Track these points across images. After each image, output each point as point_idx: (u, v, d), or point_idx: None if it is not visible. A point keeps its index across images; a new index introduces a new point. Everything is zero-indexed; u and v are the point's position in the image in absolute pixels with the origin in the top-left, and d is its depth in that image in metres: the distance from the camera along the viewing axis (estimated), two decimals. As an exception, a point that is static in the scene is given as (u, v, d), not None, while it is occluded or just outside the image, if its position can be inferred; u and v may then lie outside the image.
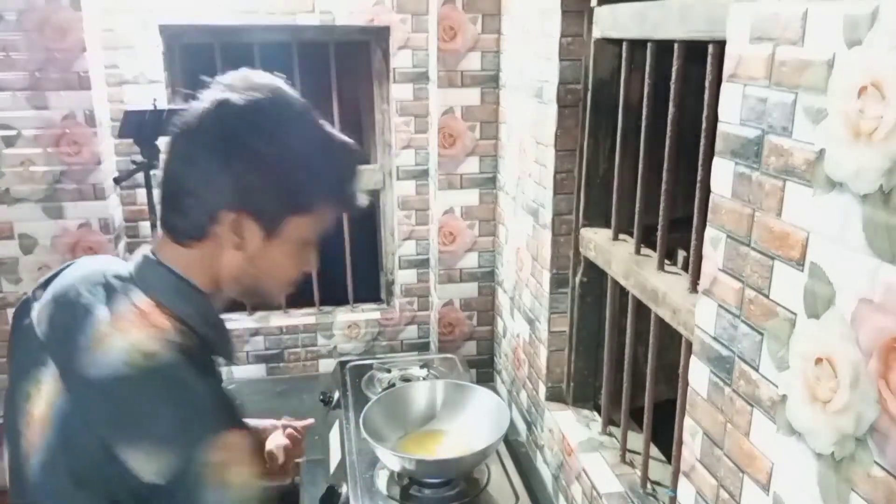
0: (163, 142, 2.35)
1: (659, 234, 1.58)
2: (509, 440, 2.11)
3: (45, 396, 0.89)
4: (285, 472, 1.31)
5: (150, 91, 2.53)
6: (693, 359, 1.25)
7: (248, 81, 0.94)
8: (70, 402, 0.86)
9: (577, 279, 2.02)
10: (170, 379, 0.85)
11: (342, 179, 0.97)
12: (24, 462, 0.90)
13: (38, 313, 0.96)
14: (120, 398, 0.84)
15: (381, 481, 1.88)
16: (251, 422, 1.33)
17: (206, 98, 0.92)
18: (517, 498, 1.85)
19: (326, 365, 2.96)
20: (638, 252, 1.72)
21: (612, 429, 1.97)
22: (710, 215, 1.17)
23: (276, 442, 1.30)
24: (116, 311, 0.90)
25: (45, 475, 0.88)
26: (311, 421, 1.37)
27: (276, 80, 0.97)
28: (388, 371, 2.48)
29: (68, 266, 1.02)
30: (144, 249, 0.97)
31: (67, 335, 0.90)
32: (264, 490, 0.89)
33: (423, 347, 3.05)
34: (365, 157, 0.97)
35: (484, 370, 2.90)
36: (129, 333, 0.87)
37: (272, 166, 0.90)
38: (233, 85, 0.94)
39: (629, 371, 1.78)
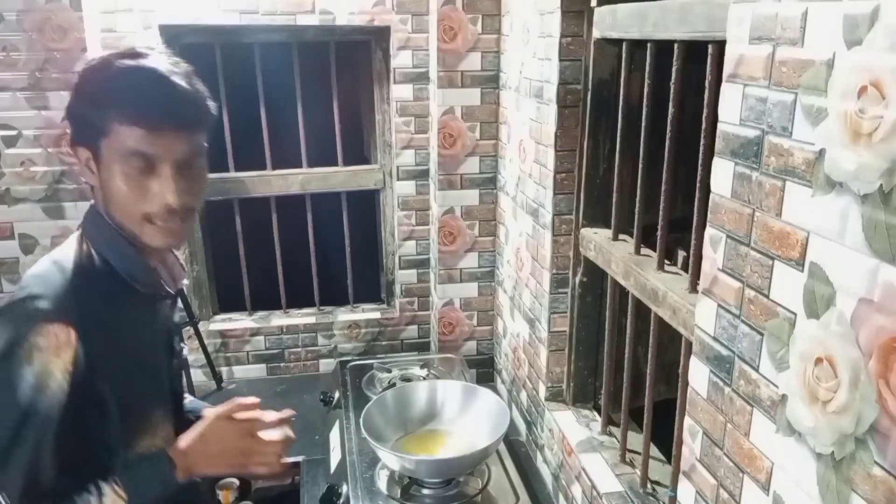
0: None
1: (659, 234, 1.58)
2: (509, 440, 2.11)
3: None
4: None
5: (151, 91, 2.53)
6: (693, 359, 1.25)
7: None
8: None
9: (577, 279, 2.02)
10: (33, 280, 1.05)
11: (121, 96, 1.04)
12: None
13: None
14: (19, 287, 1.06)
15: (381, 481, 1.88)
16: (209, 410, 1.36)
17: None
18: (517, 498, 1.85)
19: (327, 365, 2.96)
20: (638, 252, 1.72)
21: (612, 429, 1.97)
22: (709, 215, 1.17)
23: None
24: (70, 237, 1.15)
25: None
26: (285, 413, 1.33)
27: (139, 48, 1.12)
28: (389, 371, 2.48)
29: None
30: None
31: None
32: (65, 386, 1.00)
33: (424, 347, 3.05)
34: (152, 78, 1.07)
35: (484, 370, 2.90)
36: (60, 247, 1.12)
37: (75, 101, 1.09)
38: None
39: (629, 371, 1.78)
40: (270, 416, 1.27)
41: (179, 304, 1.35)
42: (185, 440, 1.17)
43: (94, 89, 1.06)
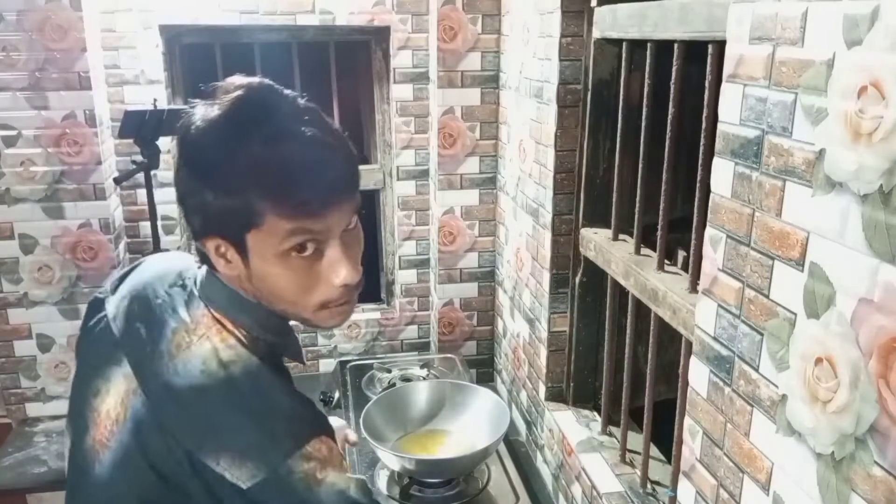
0: (163, 142, 2.36)
1: (659, 233, 1.58)
2: (509, 440, 2.11)
3: (116, 395, 0.89)
4: None
5: (150, 91, 2.53)
6: (693, 359, 1.25)
7: (221, 88, 0.86)
8: (148, 407, 0.85)
9: (577, 279, 2.02)
10: (248, 390, 0.84)
11: (282, 186, 0.82)
12: (91, 457, 0.90)
13: (115, 309, 0.96)
14: (199, 410, 0.83)
15: (381, 481, 1.88)
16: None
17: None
18: (517, 498, 1.85)
19: (327, 365, 2.96)
20: (638, 252, 1.72)
21: (612, 428, 1.97)
22: (709, 215, 1.17)
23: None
24: (194, 317, 0.89)
25: (120, 473, 0.87)
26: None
27: (248, 85, 0.87)
28: (389, 371, 2.48)
29: (141, 263, 1.02)
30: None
31: (145, 336, 0.89)
32: (359, 481, 0.85)
33: (424, 347, 3.05)
34: (308, 152, 0.83)
35: (484, 370, 2.90)
36: (207, 341, 0.86)
37: (198, 186, 0.84)
38: (210, 93, 0.87)
39: (629, 371, 1.78)
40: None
41: None
42: None
43: (231, 177, 0.82)
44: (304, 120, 0.87)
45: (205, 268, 0.93)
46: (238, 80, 0.87)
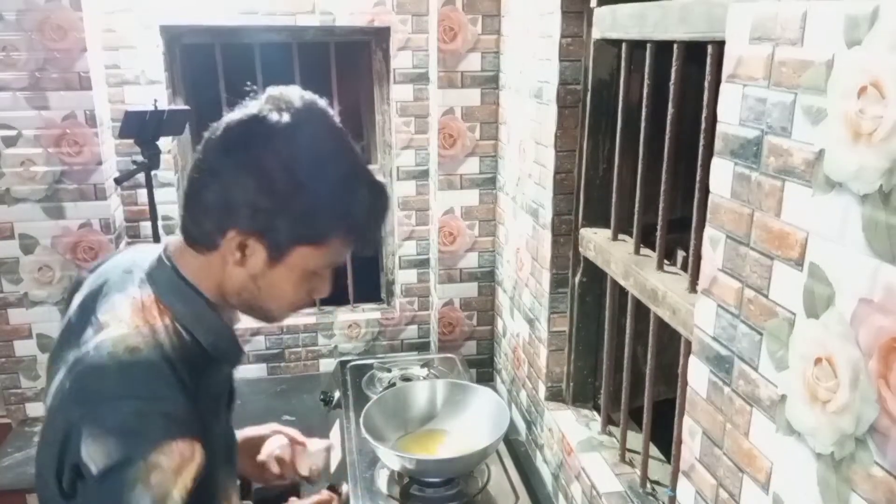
0: (163, 142, 2.36)
1: (658, 234, 1.58)
2: (509, 440, 2.11)
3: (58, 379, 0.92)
4: (283, 480, 1.31)
5: (151, 91, 2.53)
6: (692, 359, 1.25)
7: (290, 100, 0.93)
8: (61, 383, 0.90)
9: (577, 279, 2.02)
10: (140, 377, 0.87)
11: (361, 218, 0.93)
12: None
13: (79, 297, 1.00)
14: (91, 385, 0.87)
15: (382, 481, 1.88)
16: (250, 430, 1.32)
17: (245, 109, 0.94)
18: (517, 497, 1.85)
19: (327, 364, 2.96)
20: (637, 252, 1.72)
21: (612, 428, 1.97)
22: (709, 215, 1.17)
23: (268, 450, 1.28)
24: (122, 302, 0.93)
25: (43, 446, 0.92)
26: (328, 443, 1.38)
27: (319, 104, 0.95)
28: (389, 371, 2.48)
29: (118, 252, 1.07)
30: (164, 245, 0.99)
31: (87, 320, 0.94)
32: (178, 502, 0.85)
33: (424, 347, 3.05)
34: (387, 204, 0.99)
35: (484, 370, 2.90)
36: (122, 325, 0.90)
37: (288, 194, 0.88)
38: (274, 99, 0.93)
39: (629, 371, 1.78)
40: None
41: None
42: None
43: (330, 198, 0.90)
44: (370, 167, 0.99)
45: (158, 255, 0.98)
46: (291, 92, 0.95)
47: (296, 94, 0.94)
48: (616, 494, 1.72)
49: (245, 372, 2.94)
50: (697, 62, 1.41)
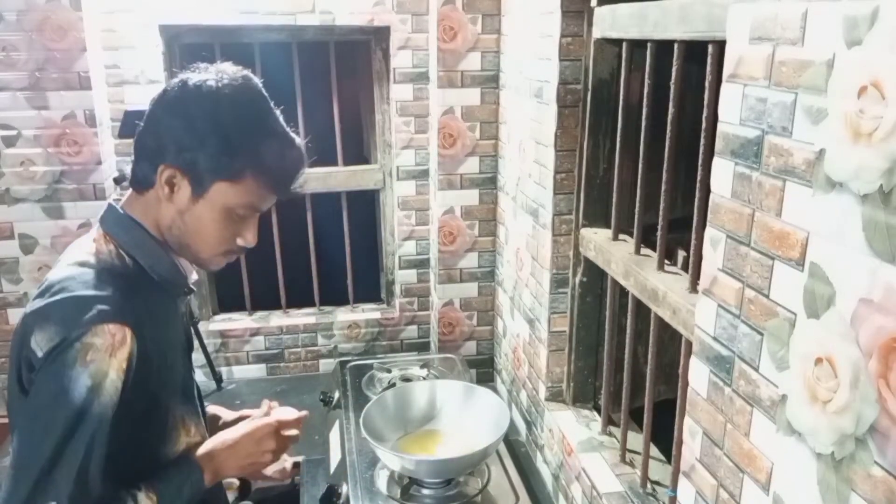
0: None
1: (659, 233, 1.58)
2: (509, 440, 2.11)
3: None
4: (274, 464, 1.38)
5: (150, 91, 2.51)
6: (693, 359, 1.25)
7: (223, 70, 1.12)
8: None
9: (577, 279, 2.02)
10: (83, 279, 1.04)
11: (271, 161, 1.08)
12: None
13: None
14: (44, 293, 1.04)
15: (381, 481, 1.88)
16: (217, 409, 1.47)
17: (185, 74, 1.12)
18: (517, 498, 1.85)
19: (326, 365, 2.96)
20: (638, 252, 1.72)
21: (612, 429, 1.97)
22: (709, 215, 1.17)
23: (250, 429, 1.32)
24: (73, 246, 1.14)
25: (8, 372, 1.09)
26: (304, 413, 1.44)
27: (251, 80, 1.14)
28: (388, 371, 2.48)
29: None
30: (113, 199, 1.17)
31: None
32: (119, 385, 1.00)
33: (423, 347, 3.05)
34: (300, 159, 1.15)
35: (484, 370, 2.90)
36: (74, 254, 1.09)
37: (207, 133, 1.05)
38: (213, 69, 1.13)
39: (629, 371, 1.78)
40: (290, 414, 1.37)
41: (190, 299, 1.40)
42: (214, 446, 1.20)
43: (233, 137, 1.06)
44: (284, 121, 1.16)
45: (109, 203, 1.15)
46: (230, 66, 1.15)
47: (232, 69, 1.13)
48: (616, 495, 1.72)
49: (245, 372, 2.94)
50: (698, 62, 1.41)
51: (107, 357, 0.98)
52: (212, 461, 1.18)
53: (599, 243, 1.87)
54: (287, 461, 1.44)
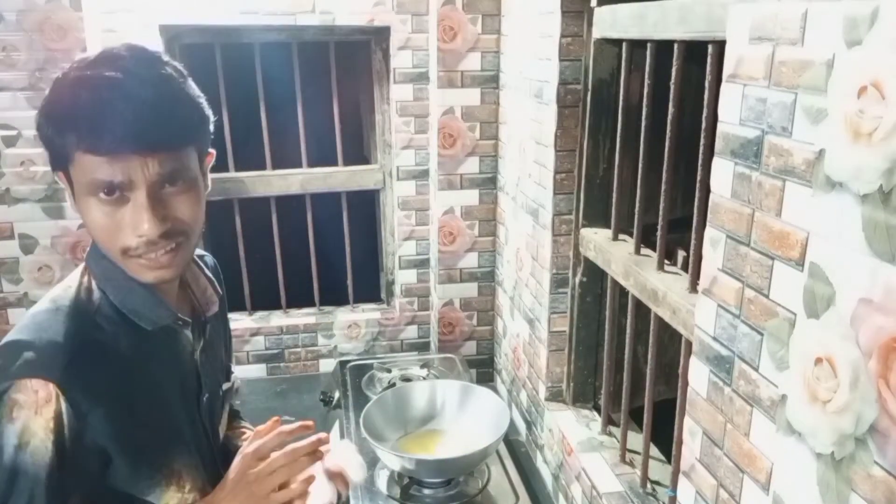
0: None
1: (658, 233, 1.58)
2: (509, 440, 2.11)
3: None
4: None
5: (151, 91, 2.53)
6: (693, 359, 1.25)
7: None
8: None
9: (577, 279, 2.02)
10: (35, 320, 0.94)
11: (77, 120, 0.87)
12: None
13: None
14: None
15: (381, 481, 1.88)
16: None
17: None
18: (517, 498, 1.85)
19: (326, 365, 2.96)
20: (637, 252, 1.72)
21: (612, 428, 1.97)
22: (709, 215, 1.17)
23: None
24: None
25: None
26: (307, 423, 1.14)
27: (106, 50, 0.93)
28: (388, 371, 2.48)
29: None
30: None
31: None
32: (49, 445, 0.88)
33: (423, 347, 3.05)
34: (98, 99, 0.86)
35: (484, 370, 2.90)
36: (62, 282, 1.01)
37: (42, 118, 0.90)
38: None
39: (629, 371, 1.78)
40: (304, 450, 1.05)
41: (219, 326, 1.21)
42: (214, 496, 1.03)
43: (55, 108, 0.90)
44: (121, 66, 0.89)
45: None
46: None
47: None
48: (616, 495, 1.72)
49: (245, 372, 2.94)
50: (698, 62, 1.41)
51: (32, 415, 0.88)
52: None
53: (599, 243, 1.87)
54: (326, 498, 1.15)
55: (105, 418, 0.92)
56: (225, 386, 1.19)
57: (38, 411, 0.88)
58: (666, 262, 1.60)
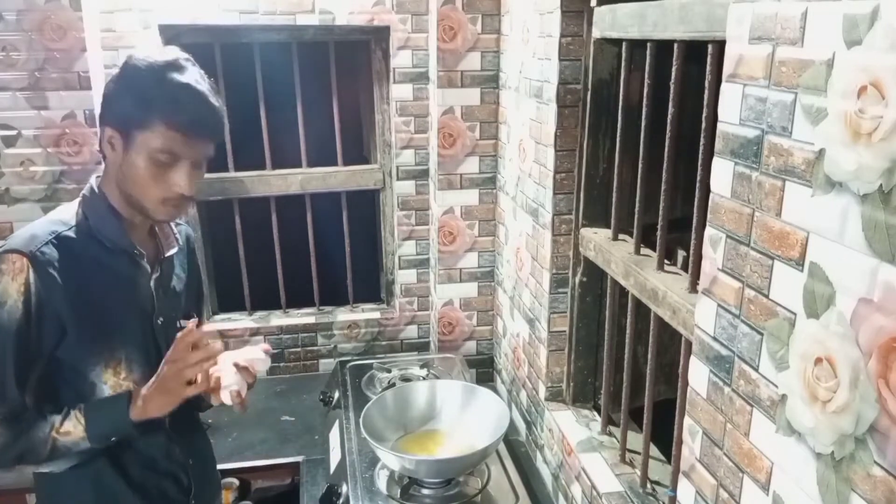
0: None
1: (658, 233, 1.58)
2: (509, 440, 2.11)
3: None
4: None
5: (150, 91, 2.53)
6: (693, 359, 1.25)
7: (163, 49, 1.32)
8: None
9: (577, 279, 2.02)
10: (32, 225, 1.29)
11: (171, 106, 1.23)
12: None
13: None
14: None
15: (381, 481, 1.88)
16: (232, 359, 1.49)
17: None
18: (517, 498, 1.85)
19: (326, 365, 2.96)
20: (637, 252, 1.72)
21: (612, 428, 1.97)
22: (709, 215, 1.17)
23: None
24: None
25: None
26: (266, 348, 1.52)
27: (182, 56, 1.30)
28: (388, 371, 2.49)
29: None
30: None
31: None
32: (19, 304, 1.22)
33: (423, 347, 3.05)
34: (202, 104, 1.30)
35: (484, 370, 2.90)
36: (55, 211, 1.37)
37: (127, 90, 1.26)
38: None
39: (629, 371, 1.78)
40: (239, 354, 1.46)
41: (179, 271, 1.50)
42: (148, 384, 1.33)
43: (144, 90, 1.24)
44: (201, 74, 1.32)
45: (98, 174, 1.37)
46: (175, 49, 1.33)
47: (175, 51, 1.31)
48: (616, 495, 1.72)
49: (245, 372, 2.93)
50: (698, 62, 1.41)
51: (10, 280, 1.22)
52: (142, 398, 1.31)
53: (599, 243, 1.87)
54: (234, 386, 1.42)
55: (64, 296, 1.25)
56: (184, 322, 1.44)
57: (14, 277, 1.22)
58: (666, 261, 1.60)
